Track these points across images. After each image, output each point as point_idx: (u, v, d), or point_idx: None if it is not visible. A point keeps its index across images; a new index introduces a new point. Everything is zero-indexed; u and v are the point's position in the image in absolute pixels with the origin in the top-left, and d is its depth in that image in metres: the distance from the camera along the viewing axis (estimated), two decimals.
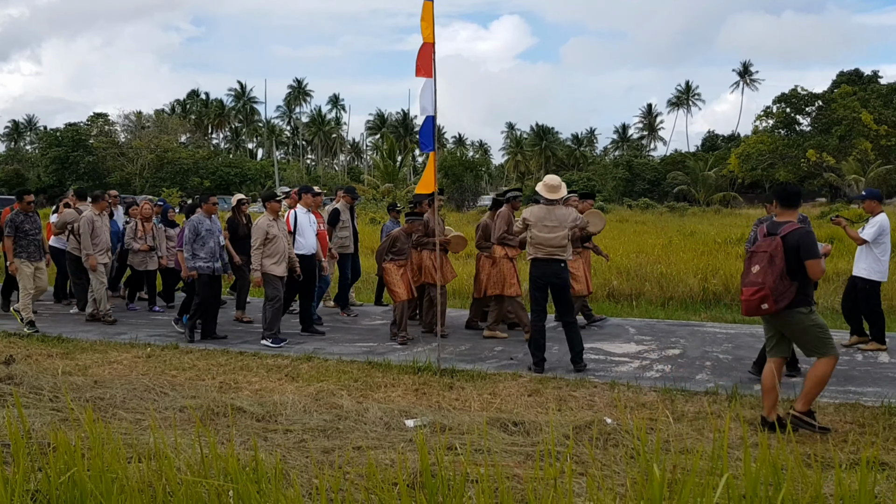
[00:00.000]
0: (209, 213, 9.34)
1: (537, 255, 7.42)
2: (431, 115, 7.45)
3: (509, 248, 9.03)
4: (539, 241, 7.37)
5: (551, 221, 7.37)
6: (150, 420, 5.19)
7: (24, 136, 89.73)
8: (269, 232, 8.74)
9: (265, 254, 8.76)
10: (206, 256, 9.08)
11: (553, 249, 7.36)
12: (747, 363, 7.70)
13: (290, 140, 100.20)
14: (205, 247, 9.08)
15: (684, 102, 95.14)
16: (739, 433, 5.23)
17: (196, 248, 9.06)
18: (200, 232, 9.07)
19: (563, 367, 7.59)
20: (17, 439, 3.72)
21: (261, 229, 8.76)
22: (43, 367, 7.41)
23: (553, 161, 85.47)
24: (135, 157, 62.15)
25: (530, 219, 7.43)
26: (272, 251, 8.78)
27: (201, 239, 9.07)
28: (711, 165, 61.60)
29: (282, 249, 8.87)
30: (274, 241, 8.79)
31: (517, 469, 4.31)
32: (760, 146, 50.67)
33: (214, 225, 9.30)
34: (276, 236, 8.81)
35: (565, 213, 7.48)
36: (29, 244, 9.77)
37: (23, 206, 9.97)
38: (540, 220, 7.39)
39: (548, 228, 7.35)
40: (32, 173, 60.12)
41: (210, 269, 9.12)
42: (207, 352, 8.36)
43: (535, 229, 7.39)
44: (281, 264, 8.87)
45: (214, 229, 9.26)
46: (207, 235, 9.11)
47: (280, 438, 5.01)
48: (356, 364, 7.70)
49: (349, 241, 10.82)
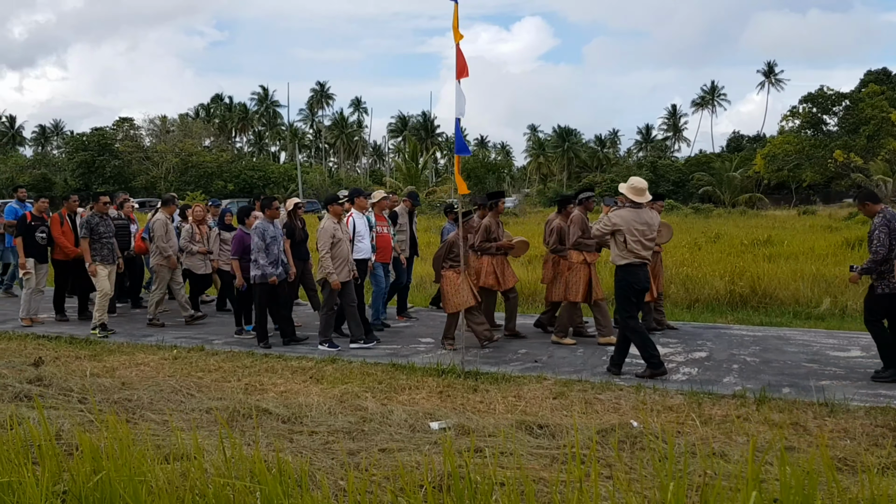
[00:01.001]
0: (272, 219, 9.03)
1: (631, 260, 7.16)
2: (458, 118, 7.45)
3: (588, 253, 8.74)
4: (632, 246, 7.13)
5: (641, 225, 7.16)
6: (178, 422, 5.23)
7: (51, 140, 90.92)
8: (334, 235, 8.57)
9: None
10: (268, 263, 8.77)
11: (645, 253, 7.18)
12: (775, 366, 7.61)
13: (313, 143, 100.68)
14: (269, 253, 8.79)
15: (709, 103, 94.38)
16: (768, 437, 5.17)
17: (261, 254, 8.77)
18: (266, 238, 8.77)
19: (588, 369, 7.55)
20: (45, 441, 3.76)
21: (327, 233, 8.55)
22: (71, 369, 7.50)
23: (576, 163, 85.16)
24: (160, 160, 62.83)
25: (620, 223, 7.16)
26: (336, 255, 8.58)
27: (266, 246, 8.80)
28: (737, 166, 61.04)
29: (345, 254, 8.70)
30: (338, 245, 8.61)
31: (543, 472, 4.28)
32: (786, 147, 50.08)
33: (277, 231, 9.04)
34: (341, 240, 8.65)
35: (653, 217, 7.32)
36: (103, 247, 9.69)
37: (99, 207, 9.89)
38: (630, 224, 7.14)
39: (640, 232, 7.14)
40: (59, 177, 60.93)
41: (273, 276, 8.81)
42: (233, 354, 8.42)
43: (628, 234, 7.13)
44: (343, 269, 8.68)
45: (278, 235, 9.00)
46: (272, 242, 8.83)
47: (306, 440, 5.03)
48: (380, 366, 7.71)
49: (406, 246, 10.68)
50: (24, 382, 6.54)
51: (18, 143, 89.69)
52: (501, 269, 9.08)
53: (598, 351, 8.44)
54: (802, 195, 60.07)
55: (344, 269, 8.68)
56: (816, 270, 12.97)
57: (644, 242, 7.15)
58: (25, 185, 55.54)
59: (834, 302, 11.25)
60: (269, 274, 8.68)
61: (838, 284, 11.86)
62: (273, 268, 8.78)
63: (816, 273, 12.72)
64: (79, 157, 61.10)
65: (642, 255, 7.16)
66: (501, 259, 9.11)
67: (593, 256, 8.82)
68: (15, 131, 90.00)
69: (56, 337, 9.51)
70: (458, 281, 8.43)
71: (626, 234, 7.14)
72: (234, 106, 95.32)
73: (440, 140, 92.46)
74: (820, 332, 9.53)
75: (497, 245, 8.98)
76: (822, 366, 7.62)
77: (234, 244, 9.40)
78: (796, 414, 5.86)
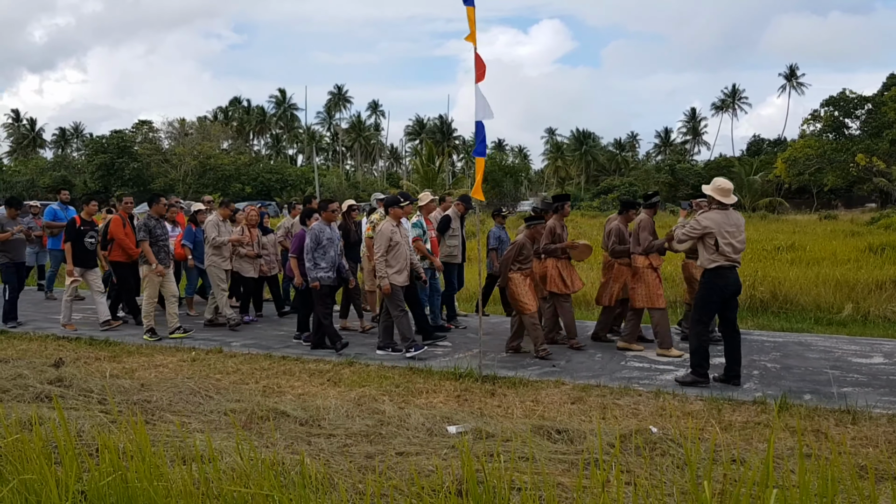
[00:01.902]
0: (329, 221, 8.85)
1: (722, 262, 6.99)
2: (479, 121, 7.43)
3: (654, 257, 8.49)
4: (723, 248, 6.96)
5: (731, 227, 6.99)
6: (196, 423, 5.25)
7: (71, 143, 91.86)
8: (391, 238, 8.39)
9: (387, 262, 8.41)
10: (326, 266, 8.65)
11: (737, 256, 7.01)
12: (796, 372, 7.53)
13: (330, 146, 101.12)
14: (326, 256, 8.65)
15: (729, 106, 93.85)
16: (789, 443, 5.11)
17: (317, 257, 8.64)
18: (321, 241, 8.63)
19: (607, 374, 7.50)
20: (66, 442, 3.78)
21: (385, 236, 8.36)
22: (91, 370, 7.56)
23: (594, 166, 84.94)
24: (178, 163, 63.28)
25: (711, 226, 6.99)
26: (394, 258, 8.43)
27: (322, 248, 8.64)
28: (757, 170, 60.60)
29: (404, 257, 8.52)
30: (396, 249, 8.44)
31: (562, 477, 4.26)
32: (808, 150, 49.62)
33: (334, 233, 8.87)
34: (399, 243, 8.46)
35: (741, 218, 7.14)
36: (159, 251, 9.60)
37: (157, 209, 9.79)
38: (721, 226, 6.98)
39: (730, 234, 6.96)
40: (79, 179, 61.53)
41: (330, 280, 8.72)
42: (251, 356, 8.44)
43: (719, 237, 6.96)
44: (403, 273, 8.50)
45: (335, 238, 8.84)
46: (328, 244, 8.69)
47: (323, 443, 5.02)
48: (397, 369, 7.71)
49: (458, 251, 10.45)
50: (45, 383, 6.60)
51: (39, 146, 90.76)
52: (568, 272, 8.86)
53: (617, 356, 8.38)
54: (824, 199, 59.53)
55: (403, 272, 8.50)
56: (838, 275, 12.82)
57: (735, 244, 6.97)
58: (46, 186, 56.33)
59: (856, 308, 11.12)
60: (314, 278, 8.57)
61: (861, 290, 11.73)
62: (330, 272, 8.66)
63: (839, 278, 12.58)
64: (98, 159, 61.69)
65: (733, 258, 6.98)
66: (567, 262, 8.90)
67: (659, 260, 8.58)
68: (35, 134, 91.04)
69: (76, 338, 9.59)
70: (526, 284, 8.34)
71: (717, 237, 6.96)
72: (252, 109, 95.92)
73: (457, 143, 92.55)
74: (842, 339, 9.42)
75: (562, 246, 8.79)
76: (844, 372, 7.53)
77: (295, 243, 9.23)
78: (818, 421, 5.79)
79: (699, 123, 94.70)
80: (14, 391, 6.31)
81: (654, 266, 8.47)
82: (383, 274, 8.33)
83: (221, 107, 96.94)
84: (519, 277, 8.35)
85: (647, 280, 8.45)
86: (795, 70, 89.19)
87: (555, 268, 8.82)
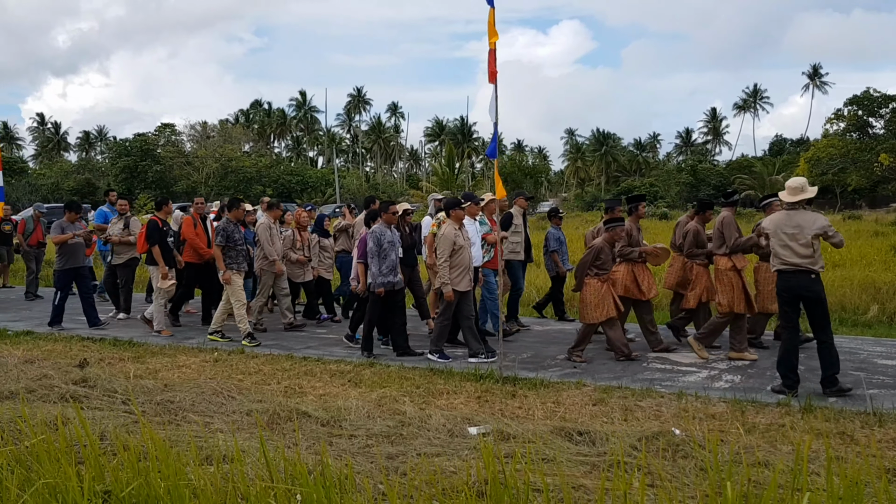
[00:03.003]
0: (389, 224, 8.58)
1: (780, 266, 6.77)
2: (495, 122, 7.44)
3: (738, 259, 8.08)
4: (777, 250, 6.73)
5: (791, 228, 6.65)
6: (219, 424, 5.28)
7: (95, 146, 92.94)
8: (455, 242, 8.11)
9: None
10: (386, 270, 8.38)
11: (797, 260, 6.64)
12: (819, 374, 7.43)
13: (350, 148, 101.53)
14: (386, 260, 8.38)
15: (751, 106, 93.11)
16: (814, 446, 5.05)
17: (378, 260, 8.36)
18: (383, 244, 8.36)
19: (629, 376, 7.46)
20: (89, 442, 3.82)
21: (448, 239, 8.09)
22: (115, 371, 7.63)
23: (614, 167, 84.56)
24: (200, 165, 63.76)
25: (768, 227, 6.82)
26: (456, 263, 8.14)
27: (383, 252, 8.36)
28: (779, 170, 60.06)
29: (466, 262, 8.22)
30: (458, 253, 8.13)
31: (584, 479, 4.23)
32: (831, 150, 49.05)
33: (395, 236, 8.63)
34: (462, 247, 8.17)
35: (808, 219, 6.67)
36: (238, 255, 9.47)
37: (236, 214, 9.64)
38: (778, 227, 6.74)
39: (787, 237, 6.65)
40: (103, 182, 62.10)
41: (390, 284, 8.42)
42: (272, 357, 8.49)
43: (774, 238, 6.76)
44: (465, 277, 8.22)
45: (396, 241, 8.61)
46: (389, 248, 8.42)
47: (345, 443, 5.04)
48: (418, 371, 7.71)
49: (520, 248, 10.04)
50: (70, 384, 6.67)
51: (63, 149, 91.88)
52: (643, 276, 8.58)
53: (638, 357, 8.32)
54: (847, 200, 58.82)
55: (464, 278, 8.23)
56: (863, 276, 12.66)
57: (793, 247, 6.63)
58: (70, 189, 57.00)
59: (881, 309, 10.97)
60: (378, 283, 8.33)
61: (886, 291, 11.57)
62: (391, 276, 8.41)
63: (863, 279, 12.43)
64: (122, 162, 62.32)
65: (790, 261, 6.65)
66: (642, 266, 8.61)
67: (743, 262, 8.14)
68: (60, 137, 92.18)
69: (100, 339, 9.68)
70: (603, 290, 8.01)
71: (772, 238, 6.77)
72: (272, 111, 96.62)
73: (477, 144, 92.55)
74: (867, 340, 9.30)
75: (640, 250, 8.53)
76: (870, 374, 7.43)
77: (360, 247, 8.91)
78: (843, 423, 5.72)
79: (720, 123, 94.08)
80: (39, 391, 6.38)
81: (737, 268, 8.05)
82: (446, 280, 8.09)
83: (243, 109, 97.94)
84: (596, 283, 8.03)
85: (732, 283, 8.05)
86: (819, 69, 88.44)
87: (629, 272, 8.51)
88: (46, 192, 55.32)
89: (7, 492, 3.51)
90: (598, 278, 8.04)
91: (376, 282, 8.34)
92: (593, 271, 8.07)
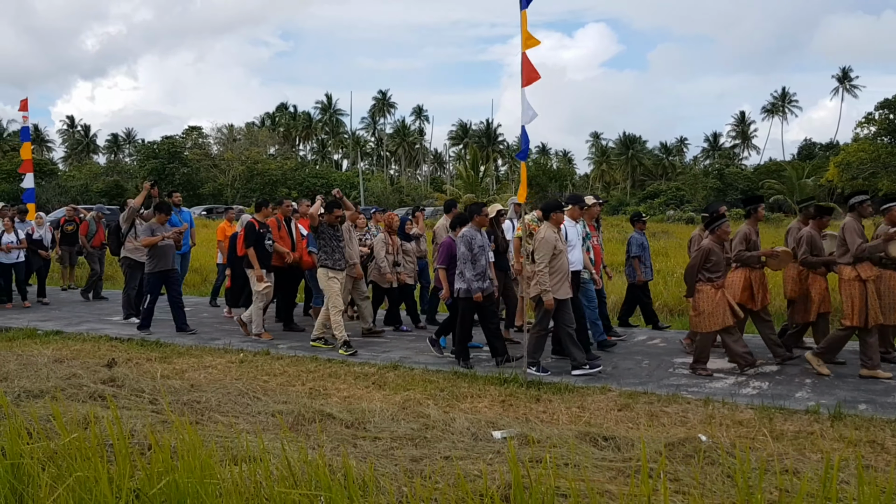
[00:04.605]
0: (480, 226, 8.24)
1: None
2: (524, 125, 7.44)
3: (864, 268, 7.42)
4: None
5: None
6: (244, 424, 5.32)
7: (123, 148, 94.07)
8: (555, 247, 7.64)
9: None
10: (476, 276, 8.02)
11: None
12: (850, 381, 7.33)
13: (375, 151, 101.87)
14: (476, 265, 8.03)
15: (780, 109, 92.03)
16: (843, 454, 4.97)
17: (471, 265, 8.01)
18: (473, 248, 8.01)
19: (654, 381, 7.40)
20: (120, 440, 3.86)
21: (549, 244, 7.59)
22: (143, 371, 7.72)
23: (640, 171, 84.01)
24: (226, 168, 64.37)
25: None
26: (556, 268, 7.65)
27: (474, 256, 8.01)
28: (808, 175, 59.34)
29: (565, 267, 7.74)
30: (558, 259, 7.65)
31: (609, 485, 4.20)
32: (861, 154, 48.39)
33: (485, 240, 8.31)
34: (561, 252, 7.70)
35: None
36: (333, 251, 9.18)
37: (330, 219, 9.37)
38: None
39: None
40: (131, 184, 62.88)
41: (480, 290, 8.04)
42: (297, 358, 8.54)
43: None
44: (564, 284, 7.72)
45: (486, 245, 8.28)
46: (479, 252, 8.07)
47: (369, 446, 5.05)
48: (442, 374, 7.71)
49: None
50: (98, 383, 6.76)
51: (92, 151, 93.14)
52: (759, 283, 8.12)
53: (664, 363, 8.27)
54: (878, 204, 57.95)
55: (563, 284, 7.72)
56: None
57: None
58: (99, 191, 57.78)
59: None
60: (475, 289, 7.98)
61: None
62: (480, 281, 8.06)
63: None
64: (149, 164, 63.01)
65: None
66: (760, 273, 8.16)
67: (870, 271, 7.43)
68: (90, 140, 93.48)
69: (128, 339, 9.80)
70: (717, 297, 7.55)
71: None
72: (298, 114, 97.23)
73: (501, 147, 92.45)
74: None
75: (760, 253, 8.06)
76: None
77: (442, 253, 8.62)
78: (873, 431, 5.63)
79: (748, 127, 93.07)
80: (69, 390, 6.47)
81: (862, 278, 7.38)
82: (546, 287, 7.59)
83: (268, 112, 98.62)
84: (709, 290, 7.55)
85: (855, 294, 7.43)
86: (849, 72, 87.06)
87: (746, 278, 8.05)
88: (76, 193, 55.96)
89: (40, 489, 3.56)
90: (712, 284, 7.58)
91: (471, 287, 8.00)
92: (705, 276, 7.61)
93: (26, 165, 15.72)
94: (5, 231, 12.90)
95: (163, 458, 3.66)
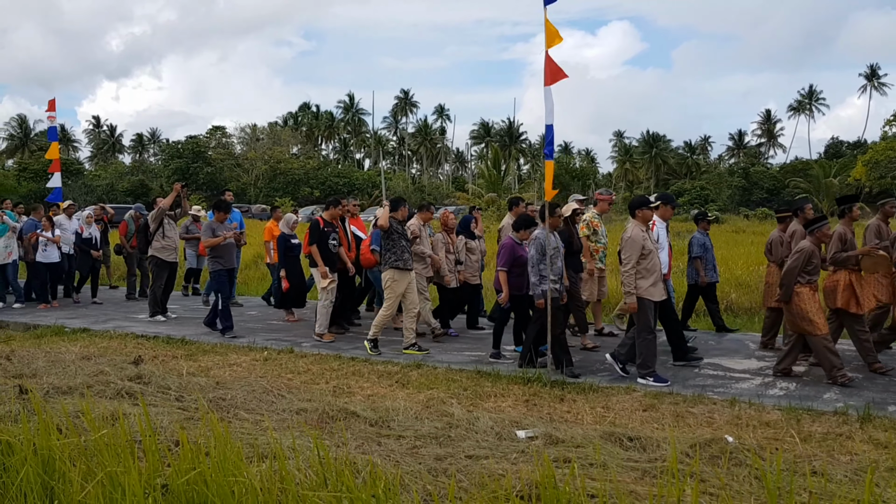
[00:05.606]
0: (554, 228, 7.89)
1: None
2: (549, 124, 7.42)
3: None
4: None
5: None
6: (270, 422, 5.35)
7: (148, 148, 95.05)
8: (644, 246, 7.38)
9: (639, 273, 7.38)
10: (554, 278, 7.71)
11: None
12: (879, 383, 7.23)
13: (396, 150, 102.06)
14: (553, 267, 7.69)
15: (806, 107, 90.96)
16: (873, 456, 4.91)
17: (542, 269, 7.67)
18: (546, 252, 7.64)
19: (679, 382, 7.34)
20: (148, 437, 3.90)
21: (637, 243, 7.32)
22: (169, 368, 7.79)
23: (664, 169, 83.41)
24: (250, 167, 64.84)
25: None
26: (648, 269, 7.37)
27: (548, 259, 7.64)
28: (835, 173, 58.62)
29: (657, 266, 7.44)
30: (648, 258, 7.38)
31: (635, 485, 4.18)
32: (890, 153, 47.78)
33: (559, 242, 8.01)
34: (651, 251, 7.42)
35: None
36: (402, 251, 8.90)
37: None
38: None
39: None
40: (156, 184, 63.55)
41: (557, 293, 7.78)
42: (321, 356, 8.57)
43: None
44: (658, 285, 7.43)
45: (560, 247, 8.00)
46: (555, 254, 7.77)
47: (393, 444, 5.06)
48: (465, 373, 7.70)
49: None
50: (125, 380, 6.83)
51: (118, 151, 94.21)
52: (860, 285, 7.73)
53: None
54: None
55: (657, 285, 7.44)
56: None
57: None
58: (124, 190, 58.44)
59: None
60: (541, 293, 7.66)
61: None
62: (558, 283, 7.80)
63: None
64: (174, 164, 63.65)
65: None
66: (858, 275, 7.81)
67: None
68: (115, 139, 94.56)
69: (154, 336, 9.90)
70: (815, 300, 7.26)
71: None
72: (320, 114, 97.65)
73: (523, 146, 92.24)
74: None
75: (857, 253, 7.73)
76: None
77: (504, 254, 8.32)
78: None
79: (774, 125, 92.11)
80: (96, 387, 6.55)
81: None
82: (632, 288, 7.31)
83: (291, 112, 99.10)
84: (809, 292, 7.26)
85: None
86: (876, 69, 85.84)
87: (846, 280, 7.70)
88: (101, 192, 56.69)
89: (71, 484, 3.61)
90: (810, 286, 7.30)
91: (540, 290, 7.66)
92: (805, 278, 7.29)
93: (55, 165, 15.96)
94: (43, 229, 13.07)
95: (190, 453, 3.69)
